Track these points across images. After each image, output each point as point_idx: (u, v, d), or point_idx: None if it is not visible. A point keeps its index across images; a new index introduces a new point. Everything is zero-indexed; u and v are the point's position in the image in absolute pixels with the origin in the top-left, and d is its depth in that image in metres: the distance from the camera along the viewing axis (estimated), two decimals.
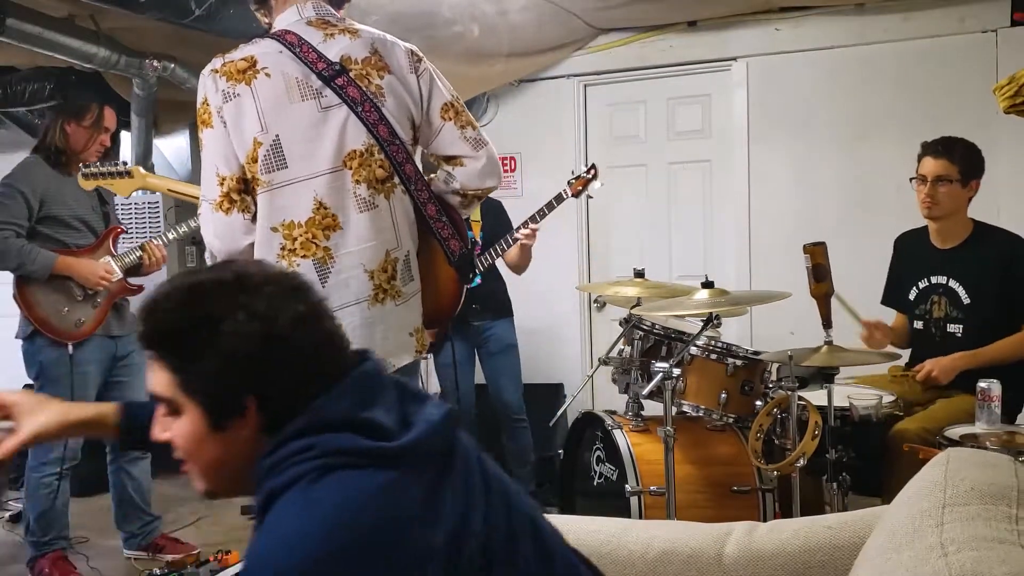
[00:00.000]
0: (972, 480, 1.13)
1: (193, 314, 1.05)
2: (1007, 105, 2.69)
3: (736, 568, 1.43)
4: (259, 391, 1.05)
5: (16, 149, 5.98)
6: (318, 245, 1.96)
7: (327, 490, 0.98)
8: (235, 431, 1.07)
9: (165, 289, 1.09)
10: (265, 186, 1.95)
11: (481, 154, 2.12)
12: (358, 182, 1.98)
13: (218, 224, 1.98)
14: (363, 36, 2.06)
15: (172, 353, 1.06)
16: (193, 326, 1.04)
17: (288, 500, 0.99)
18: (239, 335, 1.03)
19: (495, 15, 4.04)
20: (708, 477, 2.95)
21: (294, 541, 0.94)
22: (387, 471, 1.01)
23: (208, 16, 3.27)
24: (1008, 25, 4.03)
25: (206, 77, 1.98)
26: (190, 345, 1.04)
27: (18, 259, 3.07)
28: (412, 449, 1.04)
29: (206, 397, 1.06)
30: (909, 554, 1.01)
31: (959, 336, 2.99)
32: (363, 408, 1.06)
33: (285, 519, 0.98)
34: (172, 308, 1.07)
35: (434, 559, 0.99)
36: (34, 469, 3.25)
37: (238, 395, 1.05)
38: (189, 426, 1.08)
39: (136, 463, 3.47)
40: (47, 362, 3.18)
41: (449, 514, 1.03)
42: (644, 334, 3.17)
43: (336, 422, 1.04)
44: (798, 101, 4.47)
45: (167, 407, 1.10)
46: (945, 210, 2.99)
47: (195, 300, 1.06)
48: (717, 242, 4.74)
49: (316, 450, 1.01)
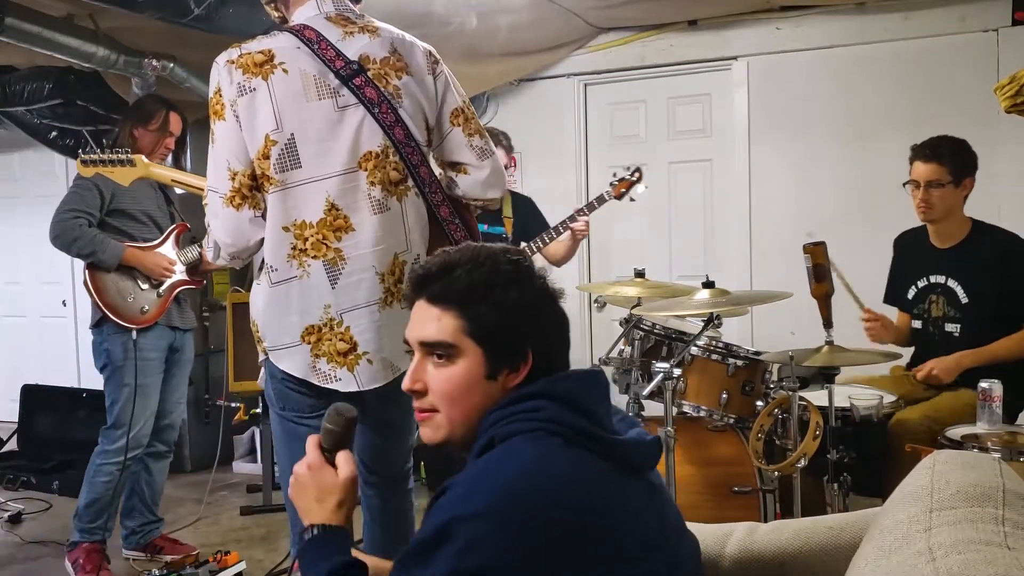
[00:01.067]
0: (958, 483, 1.13)
1: (494, 270, 1.21)
2: (1008, 105, 2.68)
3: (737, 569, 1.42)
4: (537, 345, 1.20)
5: (16, 149, 6.04)
6: (328, 246, 1.94)
7: (537, 450, 1.10)
8: (501, 380, 1.20)
9: (454, 252, 1.24)
10: (278, 185, 1.93)
11: (486, 164, 2.10)
12: (372, 184, 1.96)
13: (228, 219, 1.96)
14: (383, 35, 2.03)
15: (469, 302, 1.19)
16: (494, 280, 1.20)
17: (503, 447, 1.12)
18: (531, 292, 1.21)
19: (495, 14, 4.03)
20: (709, 477, 2.94)
21: (505, 472, 1.07)
22: (593, 456, 1.12)
23: (207, 15, 3.27)
24: (1009, 24, 4.03)
25: (221, 67, 1.94)
26: (490, 297, 1.19)
27: (91, 246, 3.18)
28: (620, 449, 1.15)
29: (493, 343, 1.19)
30: (898, 559, 1.01)
31: (956, 335, 2.99)
32: (590, 398, 1.18)
33: (491, 462, 1.11)
34: (472, 266, 1.21)
35: (605, 554, 1.06)
36: (98, 455, 3.30)
37: (523, 343, 1.19)
38: (465, 370, 1.20)
39: (159, 459, 3.50)
40: (113, 350, 3.26)
41: (625, 519, 1.11)
42: (644, 334, 3.17)
43: (567, 397, 1.15)
44: (798, 100, 4.47)
45: (442, 352, 1.21)
46: (941, 212, 2.98)
47: (493, 261, 1.22)
48: (717, 242, 4.74)
49: (543, 413, 1.13)
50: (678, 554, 1.18)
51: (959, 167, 2.94)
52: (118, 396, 3.27)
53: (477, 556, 1.01)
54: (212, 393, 4.92)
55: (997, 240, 3.01)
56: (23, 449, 5.03)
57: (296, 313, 1.95)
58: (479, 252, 1.24)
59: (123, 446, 3.27)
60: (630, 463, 1.16)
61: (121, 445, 3.27)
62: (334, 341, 1.94)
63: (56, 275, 5.89)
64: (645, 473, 1.20)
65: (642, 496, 1.16)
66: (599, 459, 1.12)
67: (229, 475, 4.81)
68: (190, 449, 4.91)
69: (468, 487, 1.07)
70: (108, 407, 3.30)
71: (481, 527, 1.03)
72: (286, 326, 1.96)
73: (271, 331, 1.98)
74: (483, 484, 1.07)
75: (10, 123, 4.69)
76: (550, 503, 1.05)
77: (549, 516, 1.04)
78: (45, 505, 4.29)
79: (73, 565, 3.28)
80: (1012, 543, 0.98)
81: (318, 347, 1.94)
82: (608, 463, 1.13)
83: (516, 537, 1.02)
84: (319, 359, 1.95)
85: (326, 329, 1.94)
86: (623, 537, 1.09)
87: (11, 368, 6.19)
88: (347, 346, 1.94)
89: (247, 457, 5.00)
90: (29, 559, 3.63)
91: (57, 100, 4.26)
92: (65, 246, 3.21)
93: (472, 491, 1.06)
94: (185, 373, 3.57)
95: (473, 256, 1.23)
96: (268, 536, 3.80)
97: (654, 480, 1.22)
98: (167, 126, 3.34)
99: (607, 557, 1.06)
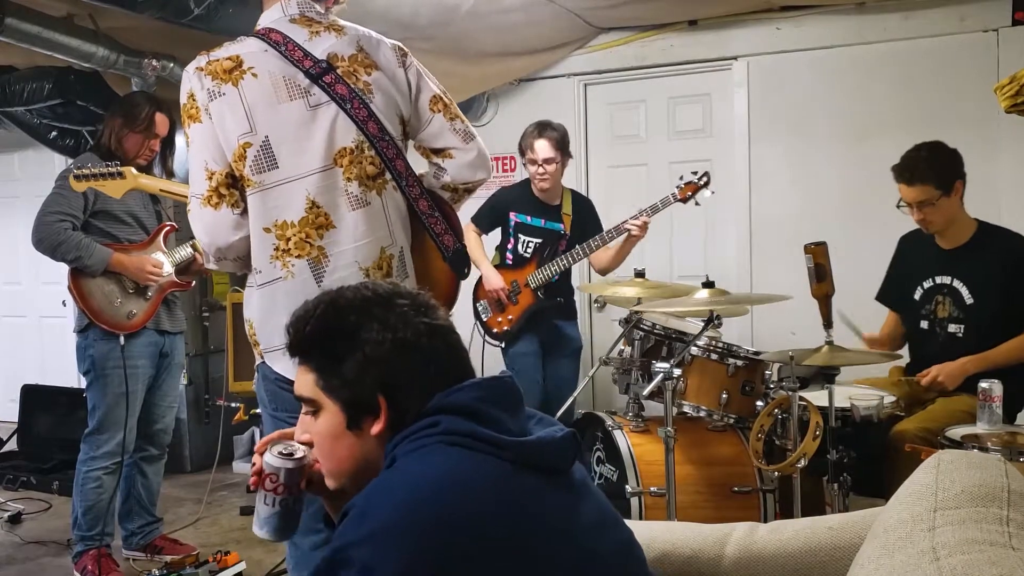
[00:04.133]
0: (962, 483, 1.13)
1: (337, 324, 1.22)
2: (1008, 105, 2.68)
3: (737, 569, 1.42)
4: (389, 392, 1.19)
5: (16, 149, 6.03)
6: (312, 244, 1.94)
7: (438, 458, 1.11)
8: (367, 429, 1.21)
9: (312, 304, 1.27)
10: (256, 187, 1.93)
11: (471, 146, 2.10)
12: (349, 179, 1.96)
13: (207, 219, 1.95)
14: (348, 33, 2.04)
15: (316, 357, 1.23)
16: (336, 334, 1.22)
17: (404, 460, 1.13)
18: (373, 342, 1.19)
19: (495, 14, 4.03)
20: (709, 478, 2.94)
21: (395, 489, 1.08)
22: (497, 460, 1.11)
23: (207, 15, 3.27)
24: (1009, 24, 4.03)
25: (191, 74, 1.95)
26: (333, 351, 1.21)
27: (76, 251, 3.13)
28: (525, 450, 1.14)
29: (344, 396, 1.21)
30: (901, 559, 1.01)
31: (960, 336, 2.99)
32: (489, 404, 1.17)
33: (394, 473, 1.13)
34: (319, 318, 1.24)
35: (508, 558, 1.06)
36: (83, 463, 3.28)
37: (372, 393, 1.19)
38: (328, 424, 1.23)
39: (153, 462, 3.48)
40: (98, 355, 3.22)
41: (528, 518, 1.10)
42: (645, 334, 3.17)
43: (462, 408, 1.16)
44: (798, 100, 4.47)
45: (309, 408, 1.25)
46: (942, 223, 2.98)
47: (339, 312, 1.23)
48: (718, 242, 4.74)
49: (440, 427, 1.14)
50: (597, 550, 1.16)
51: (943, 177, 2.91)
52: (100, 402, 3.24)
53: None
54: (212, 393, 4.91)
55: (1002, 241, 3.00)
56: (23, 449, 5.03)
57: (284, 314, 1.94)
58: (319, 302, 1.26)
59: (108, 451, 3.24)
60: (538, 462, 1.14)
61: (106, 451, 3.25)
62: None
63: (56, 275, 5.83)
64: (562, 471, 1.19)
65: (555, 494, 1.15)
66: (503, 462, 1.11)
67: (229, 475, 4.80)
68: (190, 449, 4.91)
69: (360, 509, 1.07)
70: (90, 412, 3.28)
71: (374, 549, 1.02)
72: (276, 327, 1.95)
73: (263, 333, 1.98)
74: (373, 505, 1.07)
75: (10, 123, 4.68)
76: (441, 514, 1.04)
77: (441, 526, 1.03)
78: (45, 505, 4.29)
79: (83, 574, 3.27)
80: (1016, 544, 0.97)
81: None
82: (513, 465, 1.12)
83: (410, 553, 1.02)
84: None
85: None
86: (527, 536, 1.08)
87: (11, 368, 6.19)
88: None
89: (247, 457, 4.99)
90: (29, 559, 3.64)
91: (57, 100, 4.24)
92: (49, 250, 3.15)
93: (363, 513, 1.06)
94: (176, 377, 3.53)
95: (315, 306, 1.25)
96: None
97: (576, 477, 1.21)
98: (152, 127, 3.29)
99: (509, 557, 1.06)
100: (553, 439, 1.18)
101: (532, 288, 3.78)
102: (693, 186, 3.66)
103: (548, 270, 3.75)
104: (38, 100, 4.24)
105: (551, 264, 3.75)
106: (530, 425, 1.22)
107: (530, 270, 3.79)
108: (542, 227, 3.87)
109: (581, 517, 1.17)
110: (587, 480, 1.24)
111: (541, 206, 3.89)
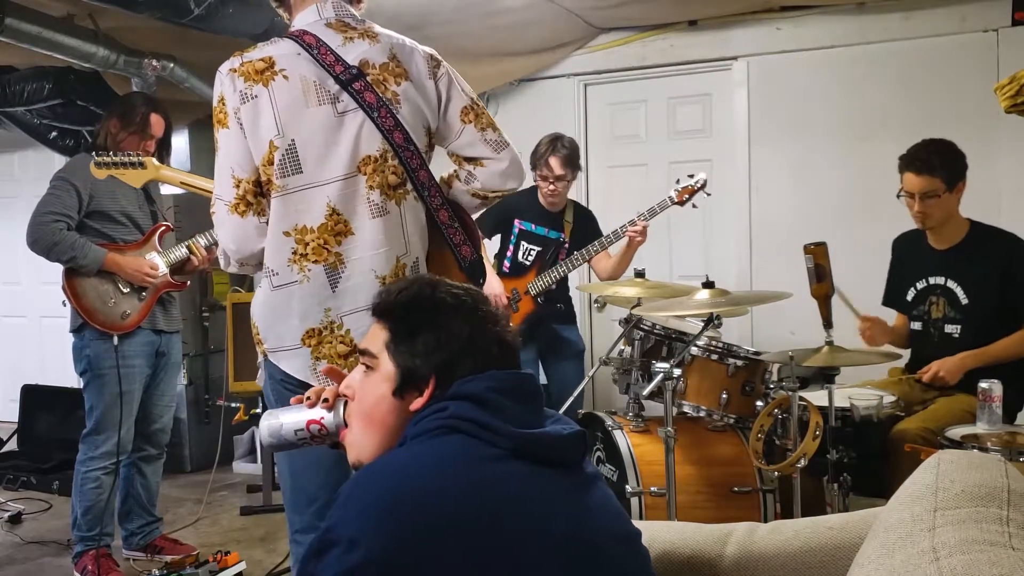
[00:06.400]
0: (963, 482, 1.12)
1: (429, 302, 1.28)
2: (1008, 105, 2.68)
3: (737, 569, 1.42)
4: (441, 377, 1.24)
5: (16, 149, 6.04)
6: (329, 251, 1.95)
7: (440, 445, 1.14)
8: (408, 401, 1.25)
9: (411, 279, 1.38)
10: (279, 190, 1.94)
11: (503, 156, 2.11)
12: (371, 188, 1.96)
13: (234, 227, 1.97)
14: (382, 41, 2.04)
15: (396, 320, 1.28)
16: (423, 309, 1.28)
17: (408, 444, 1.18)
18: (451, 332, 1.25)
19: (495, 14, 4.03)
20: (709, 478, 2.94)
21: (390, 470, 1.12)
22: (498, 449, 1.14)
23: (207, 15, 3.27)
24: (1009, 24, 4.03)
25: (223, 76, 1.95)
26: (415, 321, 1.27)
27: (71, 252, 3.13)
28: (524, 441, 1.15)
29: (405, 363, 1.26)
30: (901, 558, 1.01)
31: (956, 337, 2.99)
32: (499, 394, 1.20)
33: (396, 455, 1.18)
34: (414, 290, 1.31)
35: (501, 553, 1.07)
36: (82, 463, 3.28)
37: (428, 373, 1.24)
38: (377, 383, 1.28)
39: (151, 462, 3.48)
40: (94, 356, 3.22)
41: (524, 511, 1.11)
42: (644, 334, 3.17)
43: (471, 395, 1.19)
44: (798, 101, 4.47)
45: (367, 361, 1.30)
46: (939, 220, 2.99)
47: (434, 292, 1.30)
48: (717, 242, 4.74)
49: (447, 412, 1.17)
50: (600, 551, 1.16)
51: (952, 174, 2.93)
52: (98, 402, 3.24)
53: (357, 554, 1.04)
54: (212, 393, 4.92)
55: (996, 241, 3.01)
56: (23, 449, 5.03)
57: (297, 316, 1.96)
58: (420, 278, 1.35)
59: (106, 451, 3.25)
60: (542, 456, 1.16)
61: (104, 451, 3.25)
62: (334, 344, 1.95)
63: (56, 275, 5.81)
64: (570, 467, 1.20)
65: (559, 490, 1.16)
66: (504, 452, 1.14)
67: (229, 475, 4.81)
68: (190, 449, 4.91)
69: (351, 489, 1.11)
70: (88, 412, 3.28)
71: (359, 524, 1.06)
72: (287, 329, 1.96)
73: (272, 333, 1.99)
74: (361, 487, 1.10)
75: (10, 123, 4.69)
76: (427, 494, 1.07)
77: (425, 507, 1.06)
78: (45, 505, 4.29)
79: (83, 574, 3.27)
80: (1016, 544, 0.97)
81: (319, 350, 1.95)
82: (510, 452, 1.14)
83: (391, 529, 1.05)
84: (320, 361, 1.95)
85: (327, 332, 1.95)
86: (519, 528, 1.09)
87: (11, 368, 6.19)
88: (347, 348, 1.95)
89: (247, 457, 5.00)
90: (29, 559, 3.64)
91: (57, 100, 4.25)
92: (44, 251, 3.15)
93: (353, 494, 1.10)
94: (173, 376, 3.52)
95: (414, 280, 1.34)
96: (268, 536, 3.80)
97: (586, 475, 1.23)
98: (147, 128, 3.28)
99: (497, 546, 1.07)
100: (559, 435, 1.20)
101: (532, 296, 3.78)
102: (690, 189, 3.68)
103: (548, 277, 3.75)
104: (38, 100, 4.25)
105: (551, 271, 3.75)
106: (546, 423, 1.24)
107: (530, 278, 3.79)
108: (545, 235, 3.87)
109: (583, 510, 1.17)
110: (598, 477, 1.26)
111: (546, 214, 3.89)
